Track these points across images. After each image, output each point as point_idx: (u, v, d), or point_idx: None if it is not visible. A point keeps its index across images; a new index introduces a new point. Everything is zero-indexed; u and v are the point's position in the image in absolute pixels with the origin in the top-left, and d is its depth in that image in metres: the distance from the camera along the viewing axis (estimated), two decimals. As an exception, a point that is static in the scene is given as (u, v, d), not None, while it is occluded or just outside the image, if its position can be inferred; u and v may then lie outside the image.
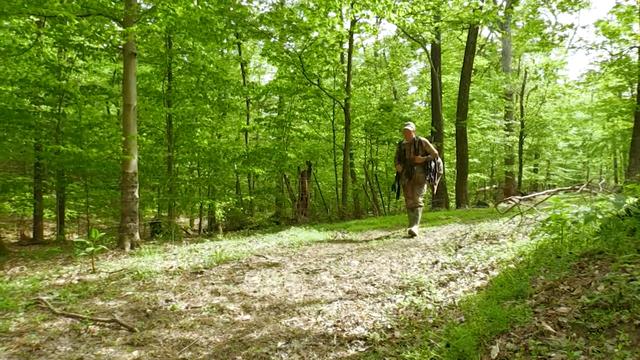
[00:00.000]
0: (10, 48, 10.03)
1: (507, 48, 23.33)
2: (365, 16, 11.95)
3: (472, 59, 16.54)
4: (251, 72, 24.87)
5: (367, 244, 6.74)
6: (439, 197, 15.61)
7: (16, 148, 13.33)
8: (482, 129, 22.50)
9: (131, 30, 7.40)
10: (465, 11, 14.18)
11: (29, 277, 5.46)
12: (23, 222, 15.09)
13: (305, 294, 4.11)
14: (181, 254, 6.44)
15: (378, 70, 22.79)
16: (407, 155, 7.43)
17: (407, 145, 7.47)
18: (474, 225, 7.49)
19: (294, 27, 12.87)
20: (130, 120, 8.23)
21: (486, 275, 4.03)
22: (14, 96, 11.84)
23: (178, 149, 13.28)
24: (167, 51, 12.33)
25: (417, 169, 7.35)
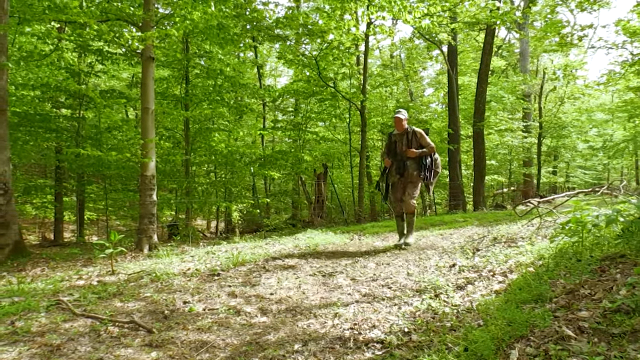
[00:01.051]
0: (32, 53, 10.23)
1: (525, 49, 23.08)
2: (381, 18, 11.93)
3: (489, 60, 16.40)
4: (267, 75, 25.00)
5: (384, 247, 6.72)
6: (456, 199, 15.50)
7: (38, 151, 13.59)
8: (499, 130, 22.28)
9: (149, 35, 7.49)
10: (482, 12, 14.08)
11: (50, 278, 5.56)
12: (44, 224, 15.36)
13: (321, 297, 4.10)
14: (198, 256, 6.49)
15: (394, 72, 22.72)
16: (398, 148, 6.44)
17: (399, 136, 6.47)
18: (491, 228, 7.41)
19: (310, 30, 12.90)
20: (148, 123, 8.32)
21: (504, 278, 3.98)
22: (36, 100, 12.07)
23: (195, 152, 13.40)
24: (185, 55, 12.46)
25: (410, 164, 6.34)
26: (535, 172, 23.93)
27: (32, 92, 11.82)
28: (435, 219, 11.27)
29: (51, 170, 15.14)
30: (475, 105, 16.50)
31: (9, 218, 7.72)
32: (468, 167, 21.61)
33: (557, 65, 25.55)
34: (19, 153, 11.92)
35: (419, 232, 8.21)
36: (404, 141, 6.41)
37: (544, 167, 26.53)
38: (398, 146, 6.44)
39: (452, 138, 16.16)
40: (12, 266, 7.17)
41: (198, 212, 15.25)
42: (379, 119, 17.06)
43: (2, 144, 7.69)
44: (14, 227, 7.84)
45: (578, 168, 31.83)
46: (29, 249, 8.64)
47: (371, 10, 11.27)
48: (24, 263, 7.33)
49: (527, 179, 23.19)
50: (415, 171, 6.35)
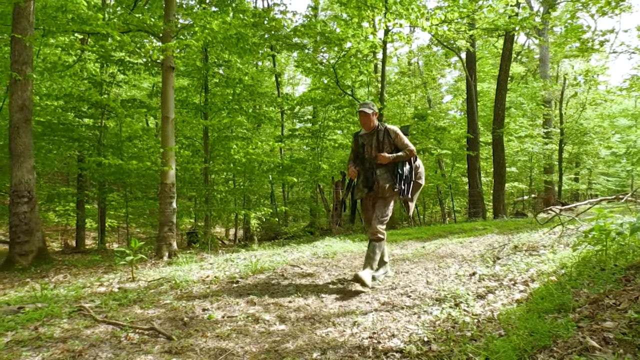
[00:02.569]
0: (56, 64, 10.45)
1: (545, 54, 22.84)
2: (399, 25, 11.93)
3: (508, 66, 16.26)
4: (285, 84, 25.16)
5: (403, 255, 6.67)
6: (476, 206, 15.33)
7: (61, 160, 13.86)
8: (519, 137, 22.03)
9: (170, 45, 7.61)
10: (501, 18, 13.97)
11: (72, 284, 5.64)
12: (66, 231, 15.62)
13: (340, 305, 4.09)
14: (217, 263, 6.53)
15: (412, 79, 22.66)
16: (366, 152, 4.95)
17: (366, 137, 4.98)
18: (512, 236, 7.31)
19: (327, 38, 12.96)
20: (168, 132, 8.43)
21: (526, 287, 3.92)
22: (59, 110, 12.34)
23: (214, 160, 13.52)
24: (204, 64, 12.61)
25: (381, 174, 4.83)
26: (557, 179, 23.56)
27: (55, 102, 12.09)
28: (455, 226, 11.16)
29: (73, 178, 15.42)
30: (495, 111, 16.35)
31: (33, 225, 7.88)
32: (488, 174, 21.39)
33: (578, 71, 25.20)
34: (42, 161, 12.17)
35: (437, 240, 8.13)
36: (373, 143, 4.92)
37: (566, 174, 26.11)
38: (366, 150, 4.95)
39: (471, 145, 16.03)
40: (36, 272, 7.30)
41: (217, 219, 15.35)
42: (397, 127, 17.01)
43: (27, 152, 7.87)
44: (37, 234, 7.99)
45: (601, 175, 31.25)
46: (52, 256, 8.80)
47: (388, 17, 11.28)
48: (47, 269, 7.46)
49: (548, 186, 22.85)
50: (387, 183, 4.78)
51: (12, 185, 7.83)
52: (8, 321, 3.78)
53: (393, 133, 4.89)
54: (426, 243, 7.87)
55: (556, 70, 26.18)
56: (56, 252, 11.51)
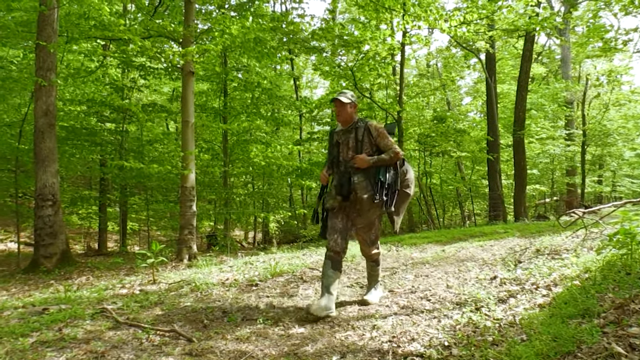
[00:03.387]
0: (79, 70, 10.65)
1: (567, 55, 22.49)
2: (417, 27, 11.87)
3: (529, 67, 16.06)
4: (304, 87, 25.23)
5: (422, 258, 6.62)
6: (496, 209, 15.15)
7: (83, 164, 14.12)
8: (540, 139, 21.71)
9: (189, 50, 7.70)
10: (521, 18, 13.79)
11: (94, 286, 5.74)
12: (89, 233, 15.88)
13: (359, 308, 4.08)
14: (237, 266, 6.57)
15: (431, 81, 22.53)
16: (342, 153, 4.09)
17: (343, 134, 4.13)
18: (534, 240, 7.20)
19: (346, 41, 12.96)
20: (188, 136, 8.53)
21: (549, 292, 3.86)
22: (82, 115, 12.58)
23: (233, 164, 13.62)
24: (223, 69, 12.73)
25: (359, 181, 3.94)
26: (579, 181, 23.14)
27: (78, 107, 12.33)
28: (475, 229, 11.04)
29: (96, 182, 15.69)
30: (515, 113, 16.16)
31: (57, 228, 8.04)
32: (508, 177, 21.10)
33: (600, 71, 24.73)
34: (66, 165, 12.41)
35: (457, 243, 8.05)
36: (351, 142, 4.06)
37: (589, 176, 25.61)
38: (341, 150, 4.09)
39: (491, 147, 15.84)
40: (60, 274, 7.45)
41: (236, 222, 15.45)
42: (416, 129, 16.92)
43: (51, 157, 8.04)
44: (61, 236, 8.15)
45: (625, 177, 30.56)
46: (75, 258, 8.95)
47: (406, 19, 11.23)
48: (71, 271, 7.60)
49: (571, 188, 22.46)
50: (366, 193, 3.92)
51: (37, 189, 8.00)
52: (33, 322, 3.86)
53: (375, 131, 4.02)
54: (446, 246, 7.80)
55: (578, 71, 25.74)
56: (79, 254, 11.71)
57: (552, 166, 24.20)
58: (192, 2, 8.60)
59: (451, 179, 19.72)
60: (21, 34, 10.29)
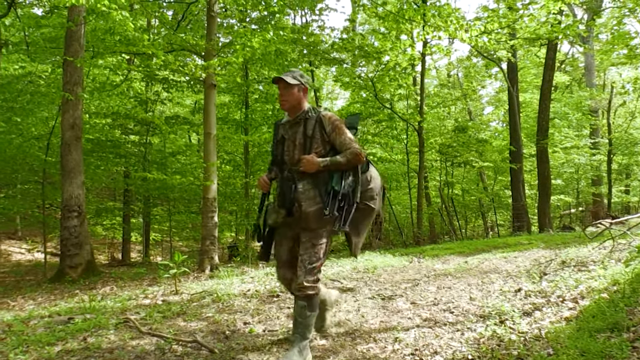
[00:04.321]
0: (105, 84, 10.89)
1: (590, 62, 22.14)
2: (437, 37, 11.84)
3: (551, 75, 15.86)
4: (324, 98, 25.32)
5: (444, 270, 6.55)
6: (520, 220, 14.91)
7: (108, 175, 14.38)
8: (565, 148, 21.35)
9: (211, 63, 7.82)
10: (543, 27, 13.65)
11: (118, 296, 5.81)
12: (113, 244, 16.11)
13: (381, 320, 4.04)
14: (258, 277, 6.58)
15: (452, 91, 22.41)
16: (287, 151, 3.20)
17: (289, 127, 3.23)
18: (559, 251, 7.06)
19: (366, 52, 13.00)
20: (210, 148, 8.62)
21: (575, 304, 3.77)
22: (107, 128, 12.84)
23: (254, 175, 13.72)
24: (244, 81, 12.88)
25: (305, 189, 3.08)
26: (606, 191, 22.63)
27: (103, 120, 12.59)
28: (498, 241, 10.88)
29: (120, 193, 15.94)
30: (538, 122, 15.95)
31: (82, 239, 8.18)
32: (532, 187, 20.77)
33: (626, 79, 24.23)
34: (91, 177, 12.66)
35: (480, 254, 7.93)
36: (298, 138, 3.14)
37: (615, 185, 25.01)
38: (287, 148, 3.19)
39: (514, 157, 15.64)
40: (84, 284, 7.57)
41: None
42: (437, 139, 16.82)
43: (77, 169, 8.21)
44: (86, 247, 8.30)
45: (654, 187, 29.79)
46: (100, 268, 9.10)
47: (427, 30, 11.21)
48: (95, 281, 7.72)
49: (597, 198, 21.98)
50: (312, 206, 3.03)
51: (63, 200, 8.17)
52: (59, 331, 3.92)
53: (329, 124, 3.09)
54: (469, 258, 7.70)
55: (603, 79, 25.30)
56: (103, 264, 11.89)
57: (577, 176, 23.73)
58: (214, 16, 8.74)
59: (473, 190, 19.50)
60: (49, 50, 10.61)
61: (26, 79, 10.87)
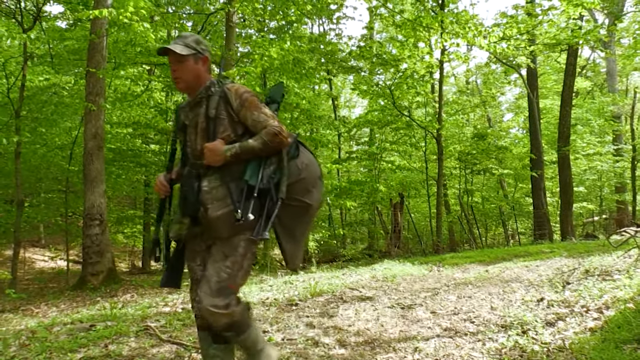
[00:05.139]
0: (126, 95, 11.07)
1: (612, 68, 21.80)
2: (455, 44, 11.81)
3: (572, 81, 15.66)
4: (342, 106, 25.38)
5: (465, 279, 6.47)
6: (541, 228, 14.69)
7: (129, 184, 14.58)
8: (587, 155, 21.00)
9: (230, 73, 7.91)
10: (563, 32, 13.51)
11: (138, 304, 5.87)
12: (133, 252, 16.30)
13: (400, 330, 4.01)
14: (276, 285, 6.59)
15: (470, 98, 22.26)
16: (189, 140, 2.50)
17: (191, 111, 2.49)
18: (582, 260, 6.92)
19: (383, 60, 13.02)
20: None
21: (600, 315, 3.69)
22: (128, 137, 13.05)
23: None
24: (263, 90, 12.98)
25: (211, 187, 2.31)
26: (630, 198, 22.15)
27: (124, 130, 12.81)
28: (519, 249, 10.72)
29: (140, 201, 16.14)
30: (559, 129, 15.73)
31: (104, 247, 8.30)
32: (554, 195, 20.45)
33: (650, 84, 23.84)
34: (113, 186, 12.86)
35: (501, 263, 7.82)
36: (200, 122, 2.44)
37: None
38: (189, 138, 2.51)
39: (534, 164, 15.43)
40: (106, 292, 7.67)
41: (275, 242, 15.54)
42: (456, 147, 16.70)
43: (99, 178, 8.35)
44: (107, 255, 8.41)
45: (680, 194, 29.09)
46: (120, 276, 9.21)
47: (445, 37, 11.19)
48: (116, 289, 7.82)
49: (621, 206, 21.53)
50: (221, 208, 2.30)
51: (85, 209, 8.31)
52: (81, 338, 3.97)
53: (237, 98, 2.35)
54: (489, 266, 7.60)
55: (625, 84, 24.88)
56: (124, 272, 12.04)
57: (600, 183, 23.30)
58: (233, 26, 8.86)
59: (493, 197, 19.27)
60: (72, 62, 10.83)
61: (50, 91, 11.11)
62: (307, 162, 2.52)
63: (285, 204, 2.34)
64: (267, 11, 10.23)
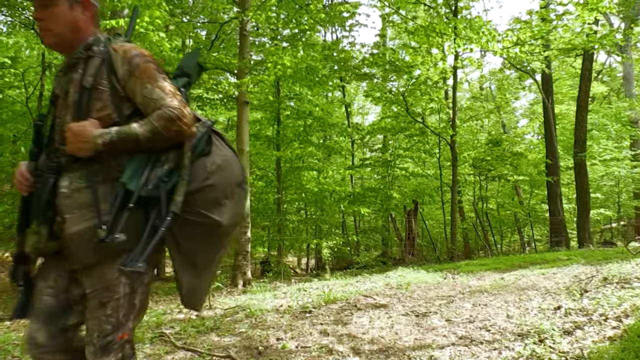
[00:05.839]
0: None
1: (629, 72, 21.52)
2: (469, 50, 11.77)
3: (588, 86, 15.49)
4: (355, 113, 25.40)
5: (480, 286, 6.40)
6: (558, 235, 14.51)
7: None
8: (604, 160, 20.72)
9: (244, 81, 7.97)
10: (578, 37, 13.39)
11: (153, 310, 5.90)
12: (149, 260, 16.41)
13: (415, 338, 3.98)
14: (290, 292, 6.59)
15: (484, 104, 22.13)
16: (58, 117, 1.73)
17: (64, 75, 1.76)
18: (600, 267, 6.81)
19: (396, 66, 13.02)
20: (243, 164, 8.74)
21: (619, 323, 3.63)
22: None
23: (286, 190, 13.81)
24: (276, 98, 13.07)
25: (71, 188, 1.63)
26: (649, 204, 21.82)
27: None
28: (535, 256, 10.59)
29: (156, 209, 16.27)
30: (575, 134, 15.56)
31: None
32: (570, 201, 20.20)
33: (668, 88, 23.47)
34: (129, 194, 12.99)
35: (517, 270, 7.73)
36: (72, 92, 1.69)
37: (659, 199, 24.10)
38: (58, 110, 1.75)
39: (550, 170, 15.27)
40: (121, 299, 7.72)
41: (289, 249, 15.55)
42: (471, 153, 16.60)
43: (115, 186, 8.44)
44: (123, 262, 8.48)
45: (701, 200, 28.53)
46: (136, 284, 9.27)
47: (458, 43, 11.15)
48: (132, 297, 7.87)
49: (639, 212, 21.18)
50: (82, 222, 1.61)
51: (101, 217, 8.40)
52: (97, 345, 4.01)
53: (126, 64, 1.70)
54: (505, 274, 7.52)
55: (643, 89, 24.55)
56: (139, 279, 12.09)
57: (617, 189, 22.97)
58: (247, 34, 8.93)
59: (508, 204, 19.09)
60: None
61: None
62: (221, 163, 1.84)
63: (184, 220, 1.68)
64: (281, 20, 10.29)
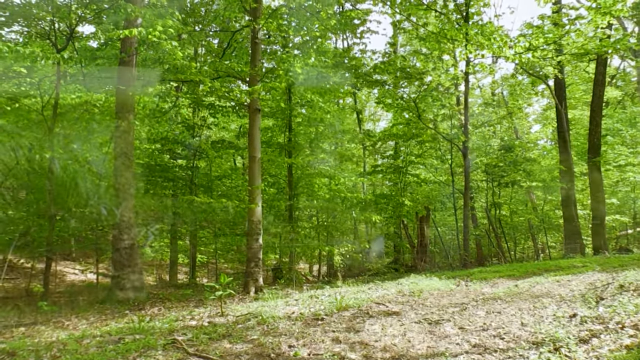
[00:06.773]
0: (154, 111, 11.32)
1: (644, 77, 21.27)
2: (480, 56, 11.71)
3: (602, 91, 15.33)
4: (366, 120, 25.37)
5: (493, 294, 6.34)
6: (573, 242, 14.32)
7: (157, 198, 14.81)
8: (619, 166, 20.45)
9: (256, 88, 8.02)
10: (591, 42, 13.27)
11: (166, 317, 5.92)
12: (160, 265, 16.48)
13: (428, 346, 3.94)
14: (302, 299, 6.57)
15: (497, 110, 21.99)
16: None
17: None
18: (617, 274, 6.71)
19: (408, 73, 13.00)
20: (255, 171, 8.78)
21: (636, 332, 3.56)
22: (156, 153, 13.30)
23: (298, 197, 13.81)
24: (288, 105, 13.11)
25: None
26: (666, 211, 21.46)
27: (153, 146, 13.05)
28: (550, 263, 10.46)
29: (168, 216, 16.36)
30: (589, 140, 15.38)
31: (132, 261, 8.42)
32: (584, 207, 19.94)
33: (684, 93, 23.13)
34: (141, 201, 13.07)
35: (531, 277, 7.63)
36: None
37: (676, 205, 23.69)
38: None
39: (564, 176, 15.11)
40: (134, 305, 7.76)
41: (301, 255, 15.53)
42: (483, 159, 16.49)
43: (129, 193, 8.51)
44: (136, 268, 8.53)
45: None
46: (148, 289, 9.32)
47: (469, 49, 11.11)
48: (144, 303, 7.91)
49: (656, 218, 20.85)
50: None
51: (114, 223, 8.47)
52: (110, 350, 4.03)
53: None
54: (519, 281, 7.43)
55: (658, 93, 24.22)
56: (152, 285, 12.17)
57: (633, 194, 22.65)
58: (258, 42, 8.99)
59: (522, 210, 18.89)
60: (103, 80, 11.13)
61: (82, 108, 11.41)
62: None
63: None
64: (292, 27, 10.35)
